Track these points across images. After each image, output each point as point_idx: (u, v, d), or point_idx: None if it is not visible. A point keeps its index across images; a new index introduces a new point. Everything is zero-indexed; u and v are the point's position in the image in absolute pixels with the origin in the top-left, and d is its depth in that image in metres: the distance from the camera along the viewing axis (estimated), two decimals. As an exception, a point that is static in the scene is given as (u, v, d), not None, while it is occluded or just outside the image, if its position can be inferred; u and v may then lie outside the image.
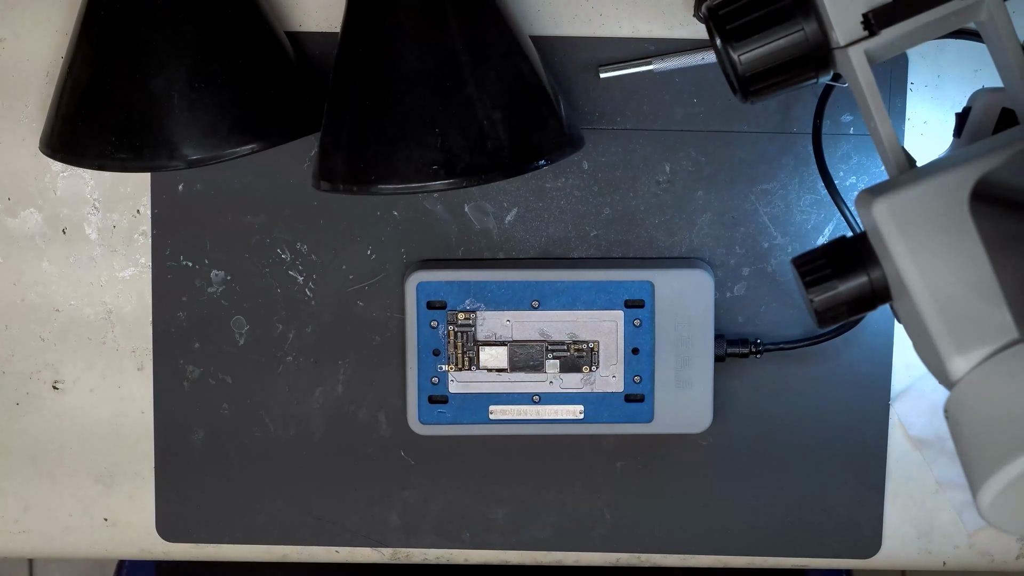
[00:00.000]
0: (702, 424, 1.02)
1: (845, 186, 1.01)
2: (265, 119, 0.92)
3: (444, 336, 1.01)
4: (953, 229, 0.65)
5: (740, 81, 0.72)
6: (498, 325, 1.01)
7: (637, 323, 1.00)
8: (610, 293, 1.00)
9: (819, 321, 0.71)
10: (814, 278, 0.70)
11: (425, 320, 1.01)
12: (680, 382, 1.01)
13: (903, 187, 0.66)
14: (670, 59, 0.99)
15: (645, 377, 1.01)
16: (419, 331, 1.01)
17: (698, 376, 1.01)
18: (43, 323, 1.05)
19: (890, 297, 0.70)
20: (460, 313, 1.00)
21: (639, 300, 1.00)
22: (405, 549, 1.07)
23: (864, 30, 0.70)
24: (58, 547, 1.09)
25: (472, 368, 1.01)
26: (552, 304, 1.00)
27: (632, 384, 1.01)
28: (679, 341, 1.01)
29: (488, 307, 1.00)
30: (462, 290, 1.00)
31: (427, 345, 1.01)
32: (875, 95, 0.70)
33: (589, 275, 1.00)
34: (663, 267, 1.01)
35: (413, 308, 1.01)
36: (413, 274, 1.00)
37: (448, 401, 1.02)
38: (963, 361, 0.65)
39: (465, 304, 1.00)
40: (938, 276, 0.65)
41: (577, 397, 1.02)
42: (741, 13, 0.71)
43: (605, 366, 1.01)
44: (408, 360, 1.02)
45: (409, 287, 1.00)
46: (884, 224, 0.66)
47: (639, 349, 1.01)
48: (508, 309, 1.00)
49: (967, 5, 0.70)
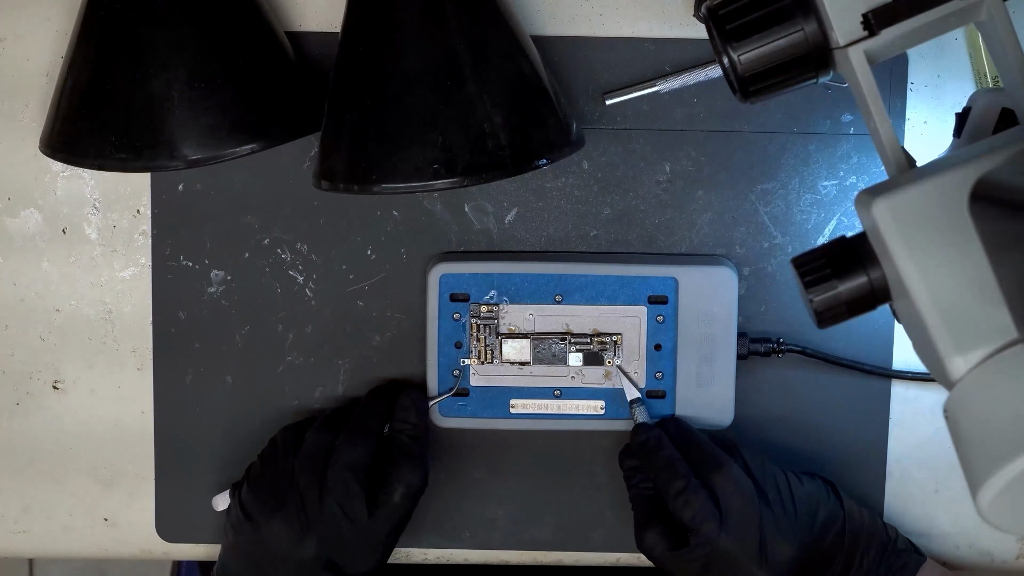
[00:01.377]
0: (724, 421, 1.02)
1: (845, 186, 1.02)
2: (265, 119, 0.92)
3: (466, 328, 1.01)
4: (952, 229, 0.65)
5: (740, 81, 0.72)
6: (520, 319, 1.01)
7: (660, 319, 1.01)
8: (634, 289, 1.01)
9: (819, 322, 0.71)
10: (814, 278, 0.70)
11: (447, 312, 1.01)
12: (702, 379, 1.01)
13: (903, 187, 0.66)
14: (674, 79, 1.00)
15: (667, 374, 1.02)
16: (440, 323, 1.01)
17: (720, 374, 1.01)
18: (43, 323, 1.05)
19: (890, 297, 0.70)
20: (483, 306, 1.01)
21: (663, 296, 1.01)
22: (405, 549, 1.07)
23: (864, 30, 0.70)
24: (58, 547, 1.09)
25: (494, 361, 1.01)
26: (575, 298, 1.01)
27: (654, 380, 1.02)
28: (702, 338, 1.01)
29: (511, 300, 1.01)
30: (485, 283, 1.01)
31: (449, 338, 1.01)
32: (875, 95, 0.70)
33: (613, 270, 1.01)
34: (687, 263, 1.01)
35: (436, 300, 1.01)
36: (436, 266, 1.00)
37: (469, 394, 1.02)
38: (962, 361, 0.65)
39: (488, 297, 1.01)
40: (937, 276, 0.65)
41: (599, 392, 1.02)
42: (741, 13, 0.71)
43: (627, 362, 1.01)
44: (428, 353, 1.02)
45: (432, 279, 1.01)
46: (884, 224, 0.66)
47: (661, 345, 1.01)
48: (531, 303, 1.01)
49: (967, 5, 0.70)
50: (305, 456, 0.97)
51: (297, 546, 0.96)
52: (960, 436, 0.65)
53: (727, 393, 1.01)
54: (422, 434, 0.99)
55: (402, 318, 1.04)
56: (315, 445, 0.97)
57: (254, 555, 0.97)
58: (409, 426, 0.99)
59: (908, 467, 1.06)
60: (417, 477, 0.97)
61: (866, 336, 1.03)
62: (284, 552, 0.96)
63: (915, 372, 1.02)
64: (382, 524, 0.96)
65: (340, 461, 0.95)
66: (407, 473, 0.96)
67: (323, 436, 0.98)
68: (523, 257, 1.02)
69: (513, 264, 1.01)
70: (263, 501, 0.97)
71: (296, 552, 0.96)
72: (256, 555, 0.97)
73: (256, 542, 0.97)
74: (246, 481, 1.00)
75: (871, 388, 1.04)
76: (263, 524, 0.96)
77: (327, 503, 0.95)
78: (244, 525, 0.98)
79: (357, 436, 0.97)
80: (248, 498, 0.98)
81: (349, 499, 0.95)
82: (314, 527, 0.95)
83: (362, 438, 0.97)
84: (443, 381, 1.02)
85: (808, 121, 1.01)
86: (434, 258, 1.02)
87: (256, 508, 0.97)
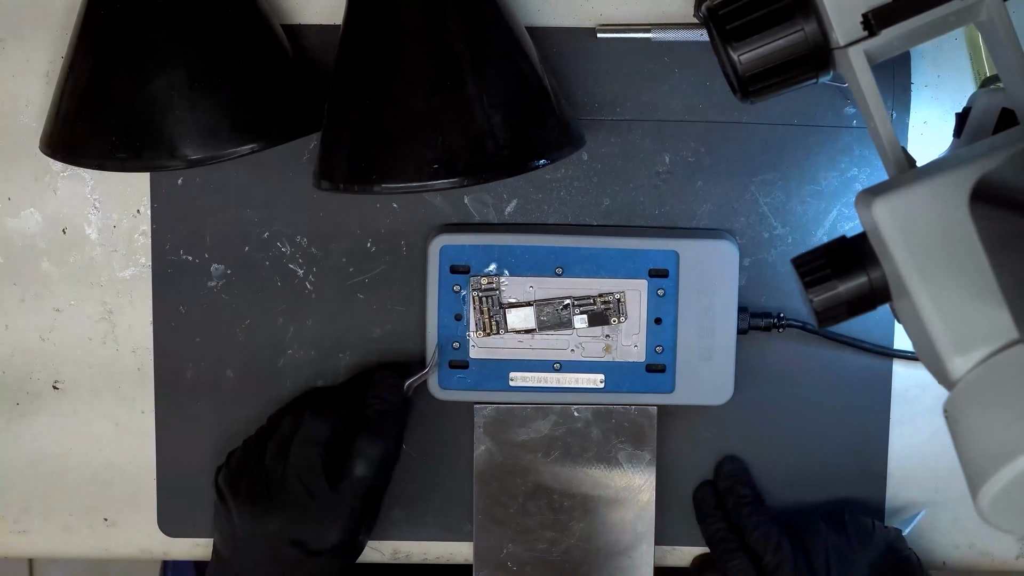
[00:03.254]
0: (723, 396, 1.02)
1: (846, 178, 1.02)
2: (265, 119, 0.93)
3: (466, 300, 1.01)
4: (952, 229, 0.66)
5: (740, 81, 0.72)
6: (521, 291, 1.01)
7: (661, 293, 1.01)
8: (635, 261, 1.01)
9: (819, 321, 0.71)
10: (814, 278, 0.71)
11: (447, 284, 1.01)
12: (703, 353, 1.01)
13: (903, 187, 0.67)
14: (669, 31, 0.99)
15: (667, 347, 1.02)
16: (441, 295, 1.01)
17: (721, 348, 1.01)
18: (43, 323, 1.06)
19: (890, 297, 0.70)
20: (483, 278, 1.01)
21: (663, 270, 1.01)
22: (405, 548, 1.07)
23: (864, 30, 0.70)
24: (58, 547, 1.09)
25: (500, 332, 1.01)
26: (576, 271, 1.01)
27: (654, 354, 1.02)
28: (702, 312, 1.01)
29: (512, 272, 1.01)
30: (486, 254, 1.01)
31: (449, 309, 1.01)
32: (875, 95, 0.71)
33: (614, 243, 1.01)
34: (689, 237, 1.01)
35: (436, 272, 1.01)
36: (436, 237, 1.01)
37: (469, 366, 1.03)
38: (962, 362, 0.65)
39: (489, 269, 1.01)
40: (937, 277, 0.66)
41: (598, 366, 1.02)
42: (741, 13, 0.71)
43: (627, 335, 1.02)
44: (428, 324, 1.02)
45: (432, 250, 1.01)
46: (884, 224, 0.67)
47: (662, 319, 1.02)
48: (532, 275, 1.01)
49: (967, 5, 0.70)
50: (278, 435, 0.98)
51: (261, 522, 0.96)
52: (960, 436, 0.65)
53: (727, 367, 1.01)
54: (390, 408, 0.99)
55: (402, 310, 1.04)
56: (288, 425, 0.99)
57: (230, 534, 0.98)
58: (376, 400, 0.99)
59: (908, 467, 1.06)
60: (376, 450, 0.97)
61: (867, 327, 1.03)
62: (251, 528, 0.97)
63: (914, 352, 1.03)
64: (345, 497, 0.96)
65: (301, 436, 0.97)
66: (366, 446, 0.97)
67: (297, 417, 0.99)
68: (524, 229, 1.02)
69: (514, 236, 1.01)
70: (233, 481, 0.99)
71: (261, 527, 0.97)
72: (231, 534, 0.98)
73: (229, 521, 0.98)
74: (225, 465, 1.01)
75: (872, 385, 1.04)
76: (232, 503, 0.98)
77: (289, 478, 0.96)
78: (219, 506, 1.00)
79: (322, 412, 0.98)
80: (223, 479, 1.00)
81: (309, 472, 0.95)
82: (276, 502, 0.96)
83: (329, 413, 0.98)
84: (443, 354, 1.02)
85: (810, 113, 1.01)
86: (434, 230, 1.02)
87: (227, 488, 0.99)
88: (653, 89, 1.02)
